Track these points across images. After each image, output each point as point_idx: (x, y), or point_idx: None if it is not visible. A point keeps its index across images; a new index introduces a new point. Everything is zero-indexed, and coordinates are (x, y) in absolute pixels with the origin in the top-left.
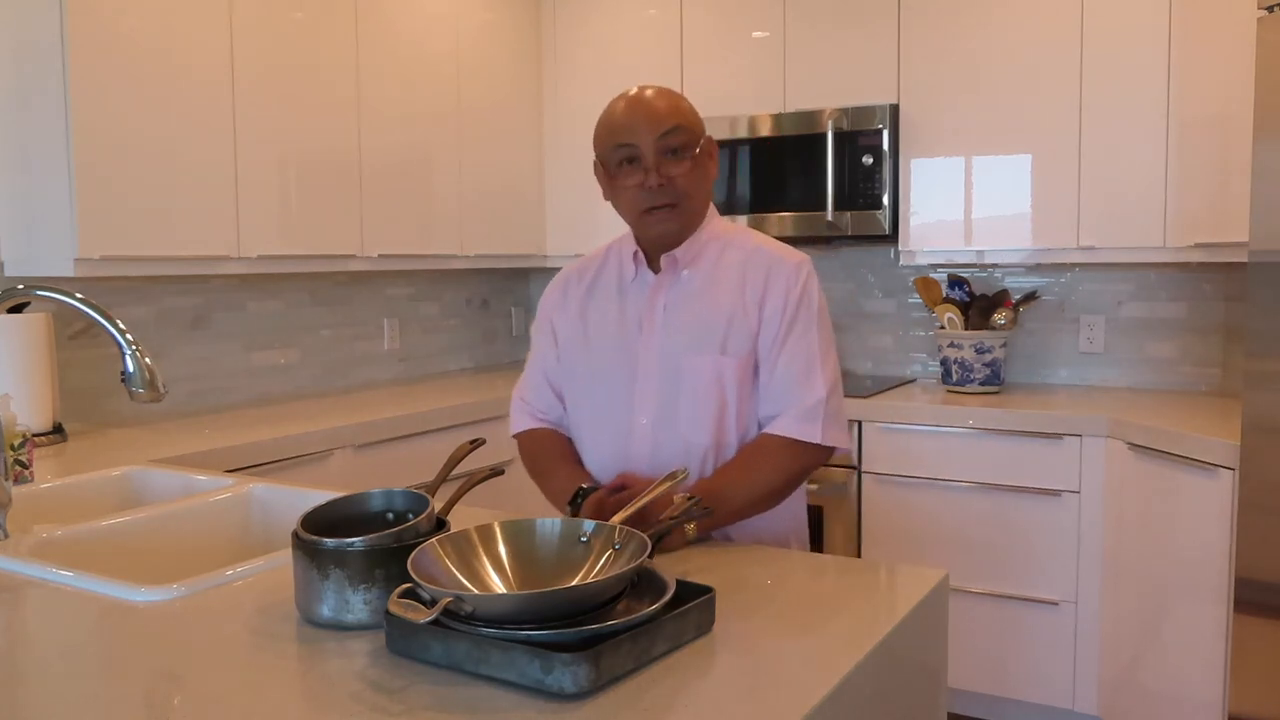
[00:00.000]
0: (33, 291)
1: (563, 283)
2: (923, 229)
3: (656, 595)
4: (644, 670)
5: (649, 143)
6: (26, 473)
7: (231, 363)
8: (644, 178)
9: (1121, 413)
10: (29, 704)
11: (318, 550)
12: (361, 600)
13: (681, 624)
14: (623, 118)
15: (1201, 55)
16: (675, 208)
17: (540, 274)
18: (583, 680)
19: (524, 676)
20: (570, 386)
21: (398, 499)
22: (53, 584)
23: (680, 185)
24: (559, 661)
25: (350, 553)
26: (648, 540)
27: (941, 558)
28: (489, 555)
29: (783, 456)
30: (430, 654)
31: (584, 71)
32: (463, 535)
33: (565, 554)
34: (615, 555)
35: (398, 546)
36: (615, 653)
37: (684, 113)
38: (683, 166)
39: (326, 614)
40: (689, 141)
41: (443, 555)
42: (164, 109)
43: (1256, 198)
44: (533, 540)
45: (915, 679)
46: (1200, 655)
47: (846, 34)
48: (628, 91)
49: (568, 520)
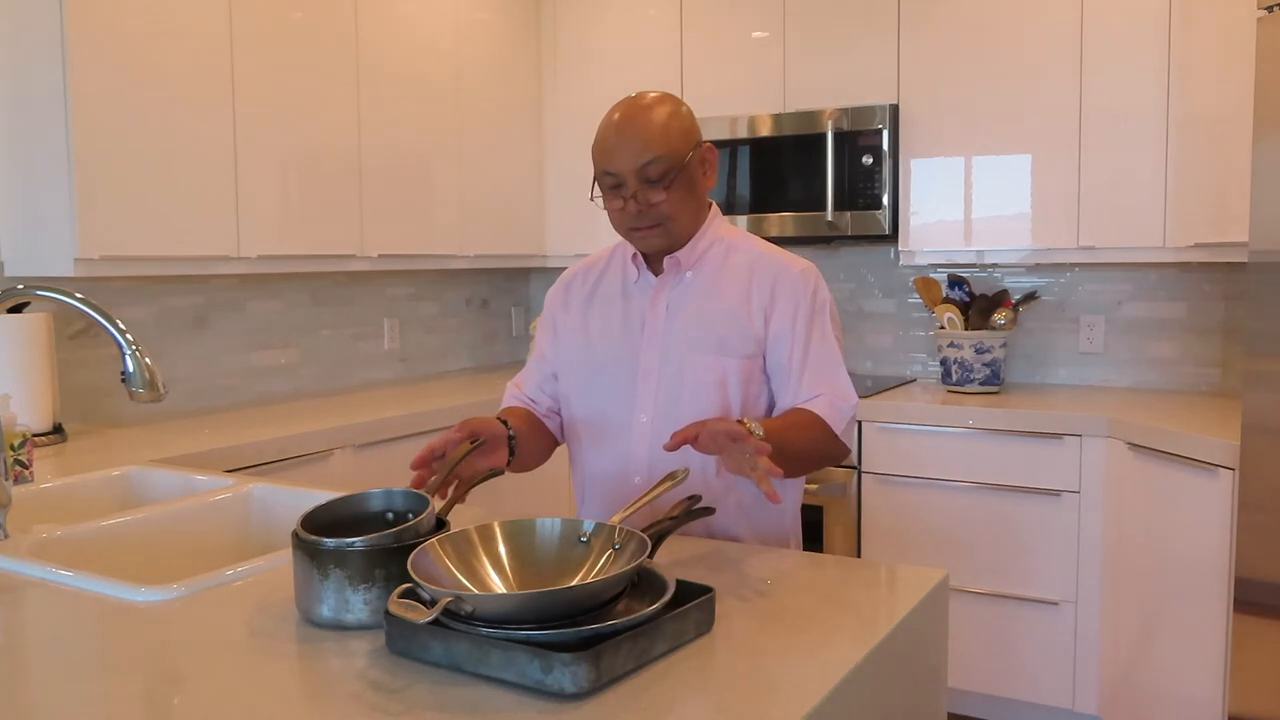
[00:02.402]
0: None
1: (566, 282)
2: (923, 229)
3: (656, 595)
4: (644, 670)
5: (629, 172)
6: (26, 473)
7: (231, 363)
8: (624, 204)
9: (1121, 413)
10: (29, 704)
11: (318, 550)
12: (361, 600)
13: (681, 624)
14: (608, 142)
15: (1201, 55)
16: (657, 227)
17: (540, 274)
18: (582, 680)
19: (524, 676)
20: (570, 385)
21: (398, 499)
22: (53, 584)
23: (662, 210)
24: (559, 661)
25: (350, 553)
26: (648, 540)
27: (941, 558)
28: (489, 555)
29: (821, 430)
30: (430, 654)
31: (584, 71)
32: (463, 535)
33: (565, 554)
34: (615, 555)
35: (397, 546)
36: (615, 653)
37: (668, 139)
38: (662, 194)
39: (326, 614)
40: (669, 169)
41: (443, 555)
42: (164, 109)
43: (1256, 198)
44: (533, 540)
45: (915, 679)
46: (1200, 655)
47: (846, 34)
48: (622, 104)
49: (568, 520)
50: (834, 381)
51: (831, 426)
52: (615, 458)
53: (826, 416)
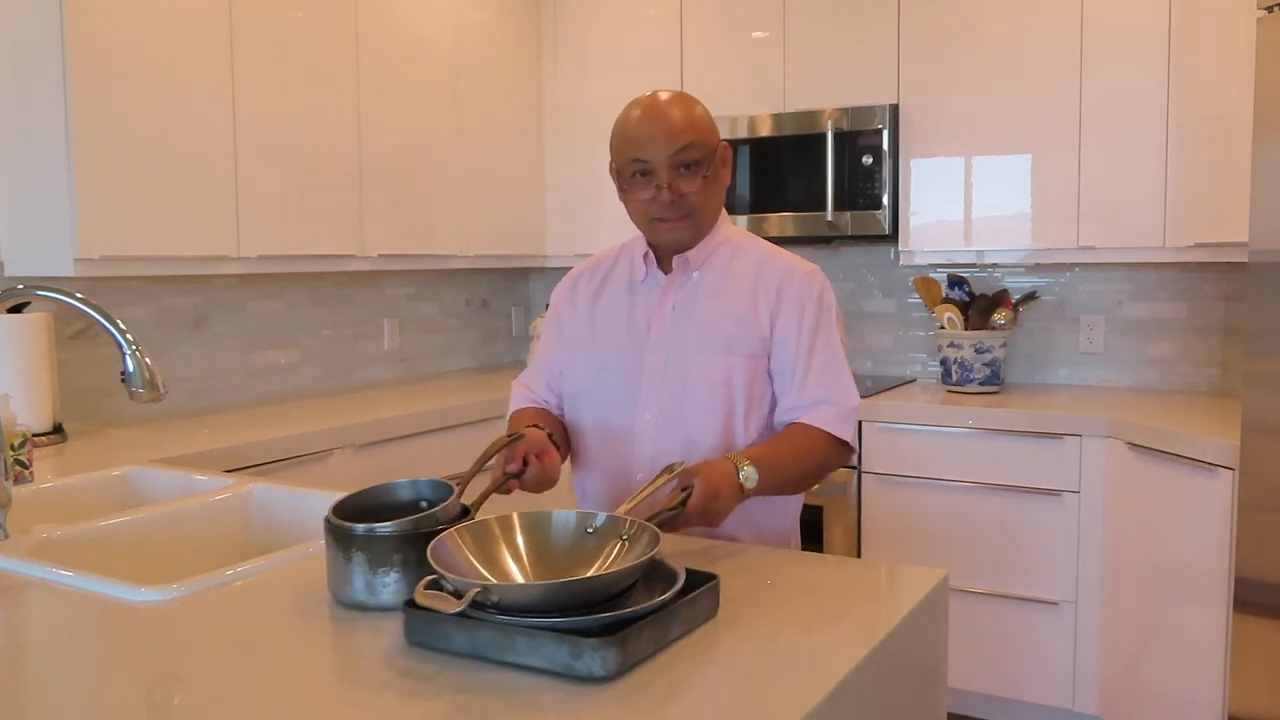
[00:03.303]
0: (33, 291)
1: (573, 280)
2: (923, 229)
3: (663, 583)
4: (660, 654)
5: (662, 159)
6: (26, 473)
7: (231, 363)
8: (656, 193)
9: (1121, 413)
10: (29, 704)
11: (343, 534)
12: (382, 583)
13: (693, 609)
14: (638, 129)
15: (1201, 56)
16: (686, 219)
17: (540, 274)
18: (611, 664)
19: (552, 662)
20: (574, 382)
21: (425, 489)
22: (53, 584)
23: (692, 200)
24: (588, 647)
25: (373, 538)
26: (659, 533)
27: (941, 558)
28: (508, 545)
29: (821, 445)
30: (453, 644)
31: (584, 72)
32: (483, 525)
33: (577, 545)
34: (623, 546)
35: (418, 533)
36: (638, 637)
37: (699, 127)
38: (695, 183)
39: (353, 596)
40: (703, 157)
41: (461, 544)
42: (164, 109)
43: (1256, 198)
44: (548, 532)
45: (915, 679)
46: (1200, 655)
47: (846, 34)
48: (644, 98)
49: (582, 513)
50: (837, 385)
51: (836, 435)
52: (619, 456)
53: (831, 427)
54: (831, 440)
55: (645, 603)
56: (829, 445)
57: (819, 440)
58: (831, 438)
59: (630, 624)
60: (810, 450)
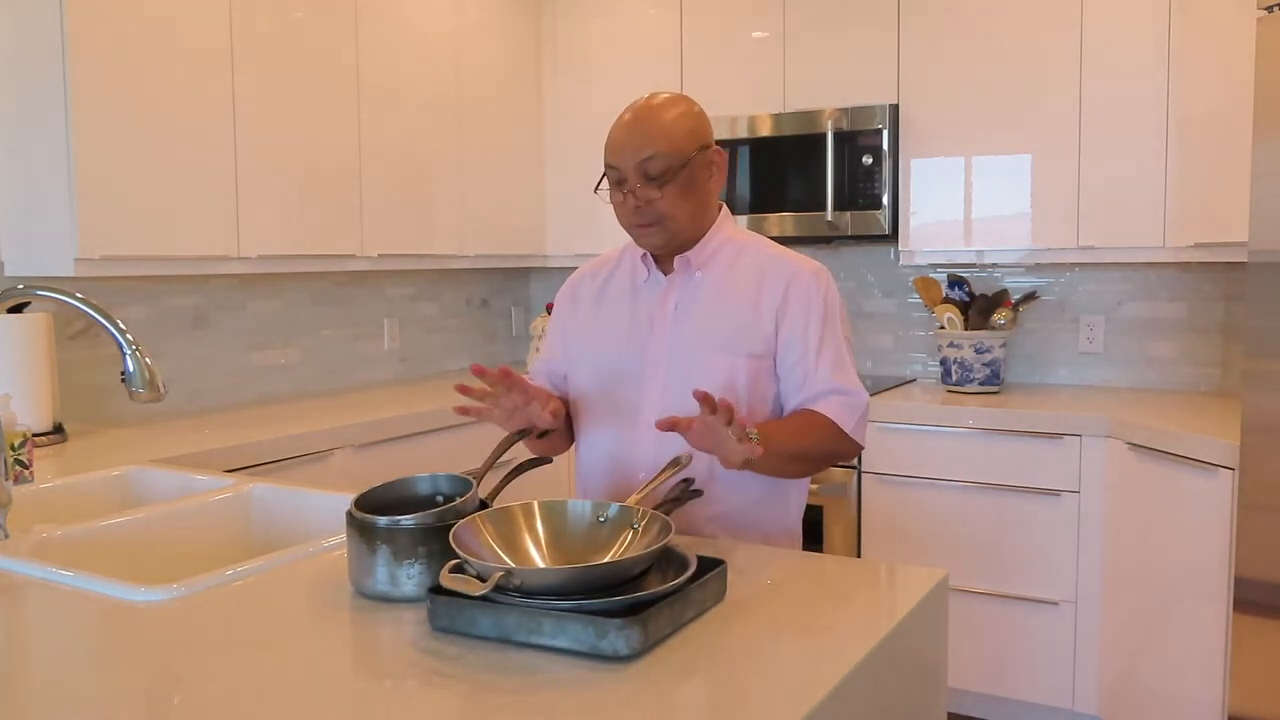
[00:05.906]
0: (33, 291)
1: (576, 282)
2: (922, 229)
3: (675, 568)
4: (676, 634)
5: (629, 167)
6: (26, 473)
7: (231, 363)
8: (624, 199)
9: (1121, 413)
10: (29, 704)
11: (367, 527)
12: (405, 575)
13: (704, 592)
14: (615, 136)
15: (1201, 55)
16: (655, 225)
17: (540, 274)
18: (635, 643)
19: (578, 642)
20: (577, 383)
21: (443, 483)
22: (53, 584)
23: (659, 208)
24: (612, 627)
25: (396, 530)
26: (670, 522)
27: (941, 558)
28: (529, 531)
29: (827, 431)
30: (478, 628)
31: (584, 71)
32: (505, 512)
33: (591, 533)
34: (634, 534)
35: (440, 525)
36: (658, 618)
37: (670, 137)
38: (657, 192)
39: (377, 588)
40: (669, 167)
41: (483, 530)
42: (164, 109)
43: (1256, 198)
44: (565, 519)
45: (915, 679)
46: (1200, 655)
47: (846, 34)
48: (636, 102)
49: (596, 503)
50: (844, 381)
51: (841, 425)
52: (622, 455)
53: (835, 416)
54: (837, 430)
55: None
56: (834, 432)
57: (823, 425)
58: (837, 428)
59: (650, 605)
60: (812, 431)
